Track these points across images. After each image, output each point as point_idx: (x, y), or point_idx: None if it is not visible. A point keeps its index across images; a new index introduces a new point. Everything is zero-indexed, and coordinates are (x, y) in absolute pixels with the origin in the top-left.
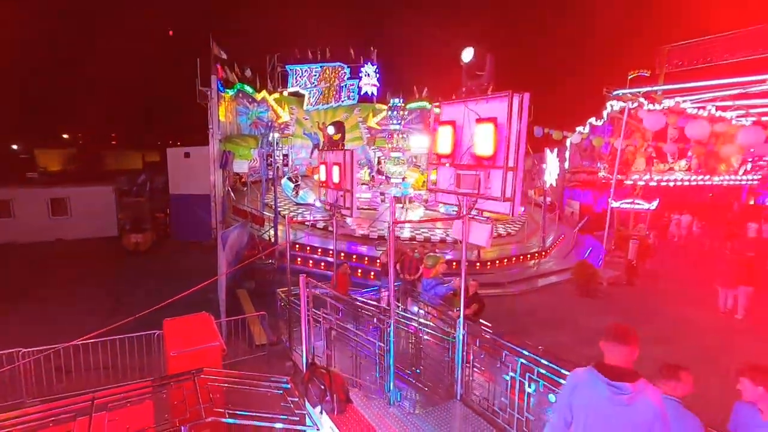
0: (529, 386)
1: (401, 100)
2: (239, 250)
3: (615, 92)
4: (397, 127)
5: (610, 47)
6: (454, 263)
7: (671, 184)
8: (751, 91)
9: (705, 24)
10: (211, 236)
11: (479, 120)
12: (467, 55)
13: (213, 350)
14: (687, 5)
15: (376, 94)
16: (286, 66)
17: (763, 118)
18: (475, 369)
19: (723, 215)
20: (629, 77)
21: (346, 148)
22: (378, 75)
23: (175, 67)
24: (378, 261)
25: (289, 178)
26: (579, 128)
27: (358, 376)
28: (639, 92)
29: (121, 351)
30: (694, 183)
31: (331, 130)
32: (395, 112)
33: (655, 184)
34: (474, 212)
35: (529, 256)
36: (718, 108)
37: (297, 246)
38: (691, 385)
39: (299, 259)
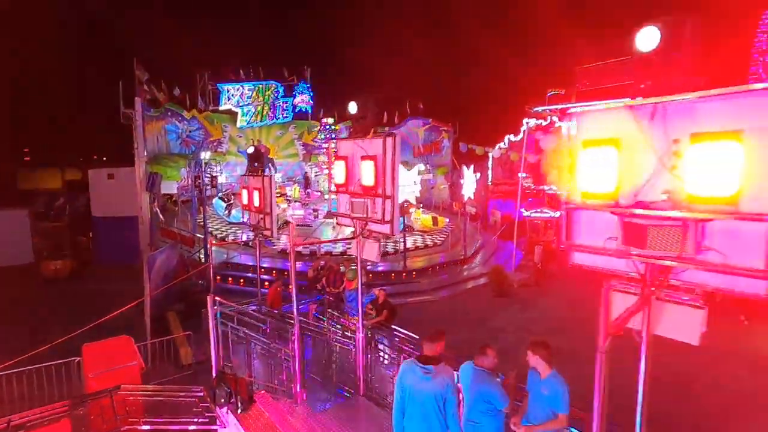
0: None
1: (333, 119)
2: (168, 273)
3: (535, 109)
4: (332, 145)
5: (533, 67)
6: (382, 273)
7: None
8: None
9: (616, 46)
10: (139, 259)
11: (363, 157)
12: (352, 107)
13: (131, 369)
14: (601, 28)
15: (310, 111)
16: (218, 84)
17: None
18: (383, 367)
19: None
20: (548, 95)
21: (279, 164)
22: (312, 93)
23: (99, 82)
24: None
25: (221, 197)
26: (499, 144)
27: (273, 381)
28: (556, 109)
29: (38, 381)
30: None
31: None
32: (327, 131)
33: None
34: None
35: (453, 263)
36: None
37: (228, 265)
38: (495, 359)
39: (230, 278)
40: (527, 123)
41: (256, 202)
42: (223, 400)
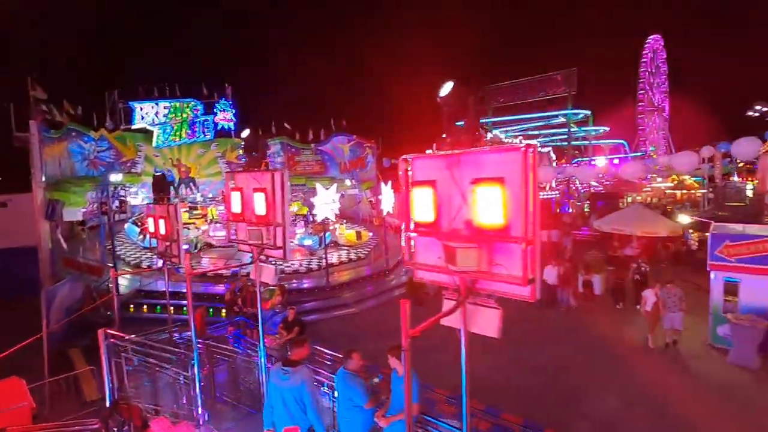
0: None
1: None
2: (71, 305)
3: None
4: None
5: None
6: (305, 290)
7: None
8: (551, 123)
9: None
10: (39, 293)
11: (255, 189)
12: (245, 134)
13: (21, 411)
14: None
15: (233, 128)
16: (129, 102)
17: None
18: None
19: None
20: None
21: (203, 183)
22: (235, 111)
23: None
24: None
25: (135, 222)
26: None
27: (174, 405)
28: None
29: None
30: None
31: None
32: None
33: None
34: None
35: (376, 275)
36: (525, 137)
37: (143, 293)
38: (361, 361)
39: (145, 306)
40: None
41: (162, 230)
42: (116, 429)
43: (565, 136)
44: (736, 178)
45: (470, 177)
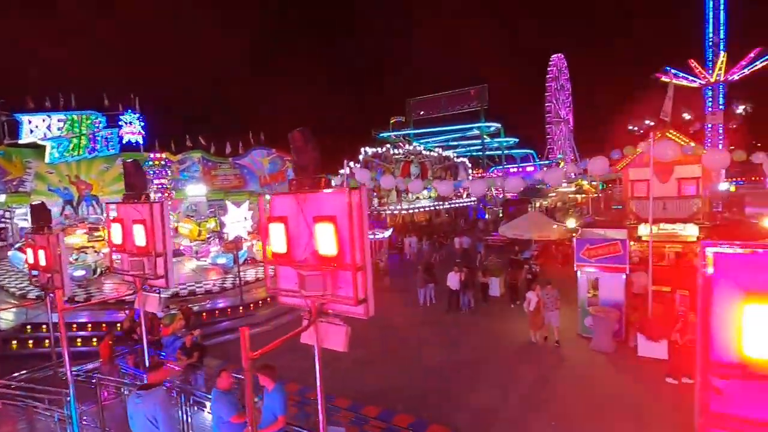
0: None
1: (163, 155)
2: None
3: (380, 135)
4: (163, 181)
5: (378, 96)
6: (218, 311)
7: (419, 210)
8: (467, 135)
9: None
10: None
11: (135, 221)
12: (124, 169)
13: None
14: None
15: (142, 142)
16: (15, 114)
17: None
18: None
19: (444, 233)
20: (391, 122)
21: (110, 200)
22: (144, 123)
23: None
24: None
25: (20, 248)
26: (341, 170)
27: None
28: (400, 134)
29: None
30: (436, 208)
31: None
32: (160, 166)
33: (405, 212)
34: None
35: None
36: (444, 148)
37: (30, 326)
38: (230, 378)
39: (31, 341)
40: (365, 151)
41: (42, 262)
42: None
43: (480, 147)
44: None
45: (313, 214)
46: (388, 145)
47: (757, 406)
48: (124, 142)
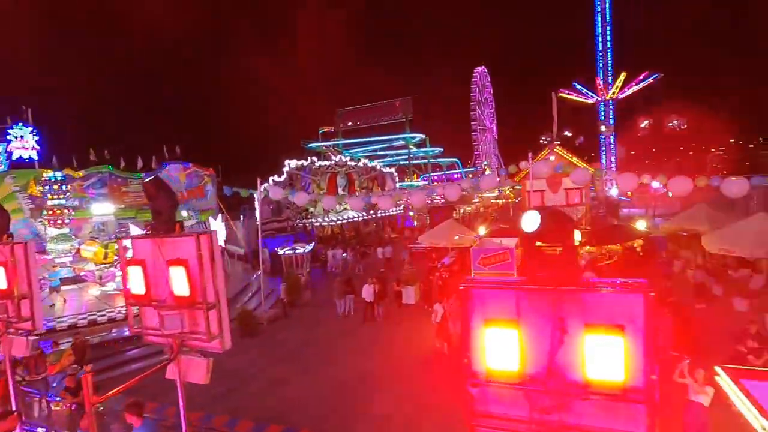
0: None
1: (61, 172)
2: None
3: (309, 145)
4: (62, 201)
5: (306, 106)
6: (123, 339)
7: (347, 220)
8: (394, 145)
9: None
10: None
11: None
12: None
13: None
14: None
15: (37, 158)
16: None
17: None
18: None
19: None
20: (320, 132)
21: None
22: (38, 137)
23: None
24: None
25: None
26: (264, 185)
27: None
28: (329, 145)
29: None
30: (364, 218)
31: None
32: (56, 185)
33: (333, 223)
34: None
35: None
36: (373, 158)
37: None
38: (137, 418)
39: None
40: (288, 164)
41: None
42: None
43: (406, 157)
44: None
45: (168, 257)
46: (314, 157)
47: (501, 405)
48: (14, 158)
